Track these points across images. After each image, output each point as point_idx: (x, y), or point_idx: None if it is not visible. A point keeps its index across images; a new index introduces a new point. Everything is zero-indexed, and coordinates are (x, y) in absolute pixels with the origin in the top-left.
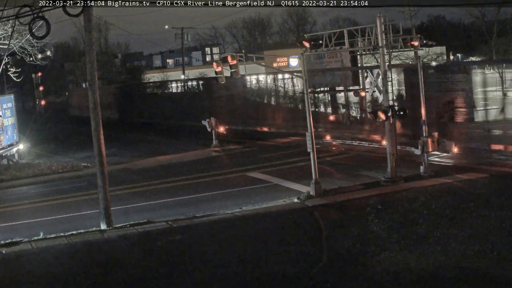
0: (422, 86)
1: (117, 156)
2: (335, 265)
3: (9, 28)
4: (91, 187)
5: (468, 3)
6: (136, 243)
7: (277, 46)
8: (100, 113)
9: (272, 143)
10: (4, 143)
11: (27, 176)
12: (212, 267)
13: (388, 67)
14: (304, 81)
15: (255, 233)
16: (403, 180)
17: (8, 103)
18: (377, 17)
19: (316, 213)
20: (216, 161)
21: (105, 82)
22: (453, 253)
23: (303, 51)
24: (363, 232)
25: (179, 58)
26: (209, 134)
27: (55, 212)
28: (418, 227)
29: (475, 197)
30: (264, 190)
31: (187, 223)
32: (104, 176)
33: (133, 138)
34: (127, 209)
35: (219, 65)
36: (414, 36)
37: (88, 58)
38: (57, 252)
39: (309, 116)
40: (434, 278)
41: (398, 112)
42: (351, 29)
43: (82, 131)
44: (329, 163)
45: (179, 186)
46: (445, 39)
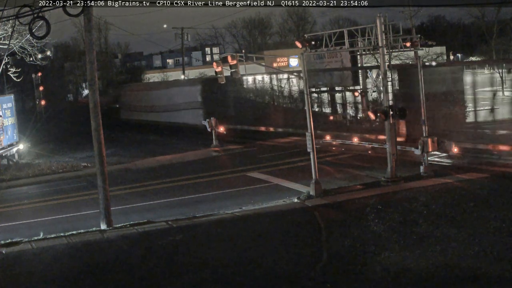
0: (422, 86)
1: (117, 156)
2: (335, 265)
3: (9, 28)
4: (91, 187)
5: (468, 3)
6: (136, 243)
7: (277, 46)
8: (100, 114)
9: (272, 143)
10: (4, 143)
11: (27, 176)
12: (212, 267)
13: (388, 67)
14: (304, 81)
15: (255, 233)
16: (403, 180)
17: (8, 103)
18: (377, 17)
19: (316, 213)
20: (216, 161)
21: (105, 82)
22: (453, 253)
23: (303, 51)
24: (363, 232)
25: (179, 58)
26: (209, 134)
27: (55, 212)
28: (418, 227)
29: (475, 197)
30: (264, 190)
31: (187, 223)
32: (104, 176)
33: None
34: (127, 209)
35: (219, 65)
36: (414, 36)
37: (88, 58)
38: (57, 252)
39: (309, 116)
40: (434, 278)
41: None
42: (351, 29)
43: (83, 131)
44: (329, 163)
45: (179, 186)
46: (445, 39)
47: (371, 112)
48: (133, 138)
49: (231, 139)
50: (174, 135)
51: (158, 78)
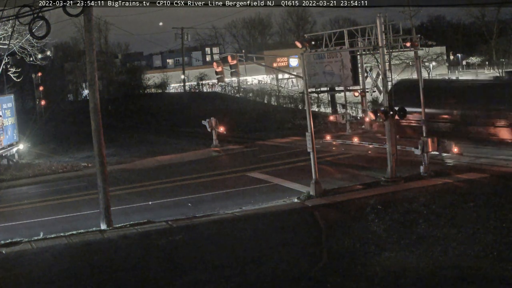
0: (421, 85)
1: (117, 156)
2: (335, 265)
3: (9, 28)
4: (91, 187)
5: (468, 3)
6: (136, 243)
7: (277, 46)
8: (100, 115)
9: (272, 143)
10: (4, 143)
11: (27, 176)
12: (212, 267)
13: (388, 67)
14: (304, 81)
15: (255, 233)
16: (403, 180)
17: (8, 103)
18: (377, 17)
19: (316, 213)
20: (216, 161)
21: (105, 82)
22: (453, 253)
23: (303, 51)
24: (363, 232)
25: (179, 58)
26: (209, 134)
27: (55, 212)
28: (418, 227)
29: (475, 197)
30: (264, 190)
31: (187, 223)
32: (104, 176)
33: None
34: (127, 209)
35: (219, 65)
36: (414, 36)
37: (88, 58)
38: (57, 252)
39: (309, 116)
40: (434, 278)
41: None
42: (351, 29)
43: (83, 131)
44: (329, 163)
45: (179, 186)
46: (445, 39)
47: (371, 112)
48: (133, 138)
49: (231, 139)
50: (174, 135)
51: (158, 78)
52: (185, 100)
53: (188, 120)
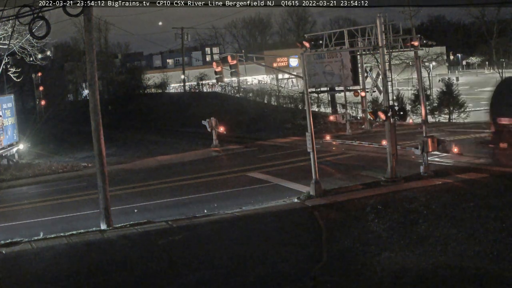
0: (421, 86)
1: (117, 156)
2: (335, 265)
3: (9, 28)
4: (91, 187)
5: (468, 3)
6: (136, 243)
7: (277, 46)
8: (100, 115)
9: (272, 143)
10: (4, 143)
11: (27, 176)
12: (212, 267)
13: (388, 67)
14: (304, 81)
15: (255, 233)
16: (403, 180)
17: (8, 103)
18: (377, 17)
19: (316, 213)
20: (216, 161)
21: (105, 82)
22: (453, 253)
23: (303, 51)
24: (363, 232)
25: (179, 58)
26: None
27: (55, 212)
28: (418, 227)
29: (475, 197)
30: (264, 190)
31: (187, 223)
32: (104, 176)
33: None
34: (127, 209)
35: (219, 65)
36: (414, 36)
37: (88, 58)
38: (57, 252)
39: (309, 116)
40: (434, 278)
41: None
42: (351, 29)
43: (83, 131)
44: (329, 163)
45: (179, 186)
46: (445, 39)
47: (371, 112)
48: (133, 138)
49: (231, 139)
50: (174, 135)
51: (158, 78)
52: (185, 100)
53: (188, 120)
